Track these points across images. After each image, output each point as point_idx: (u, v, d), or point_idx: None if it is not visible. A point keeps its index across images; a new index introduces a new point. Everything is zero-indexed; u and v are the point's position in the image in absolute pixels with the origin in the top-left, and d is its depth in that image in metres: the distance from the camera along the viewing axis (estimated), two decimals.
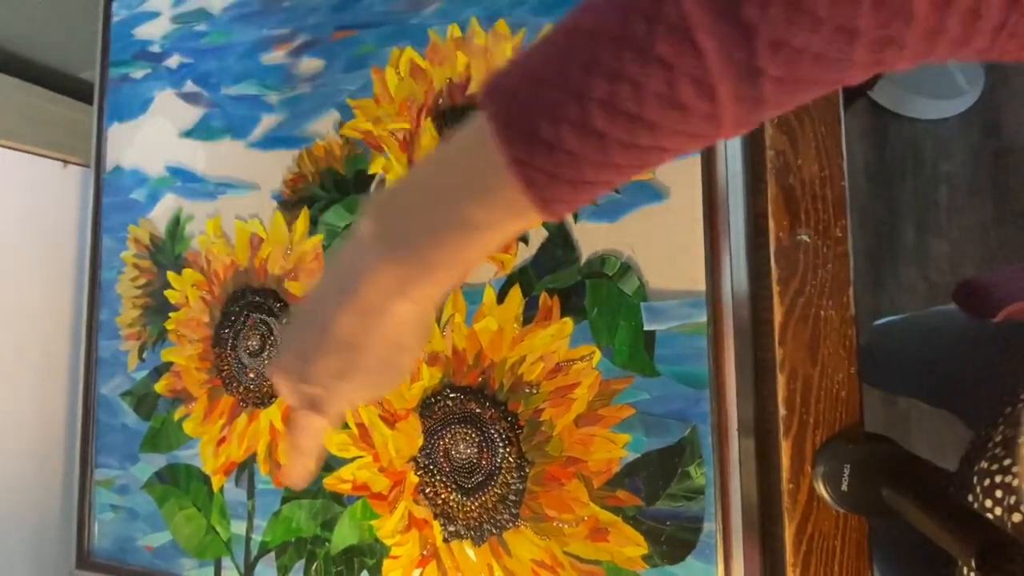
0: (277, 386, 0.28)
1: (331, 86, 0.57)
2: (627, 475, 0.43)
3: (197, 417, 0.59)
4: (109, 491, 0.63)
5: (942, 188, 1.28)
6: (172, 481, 0.60)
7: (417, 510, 0.49)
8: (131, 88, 0.68)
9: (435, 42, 0.54)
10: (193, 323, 0.61)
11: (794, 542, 0.40)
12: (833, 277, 0.41)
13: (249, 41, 0.62)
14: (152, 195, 0.65)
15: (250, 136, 0.60)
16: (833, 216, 0.41)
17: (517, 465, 0.46)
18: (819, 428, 0.40)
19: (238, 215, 0.60)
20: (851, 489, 0.38)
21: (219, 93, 0.63)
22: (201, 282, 0.61)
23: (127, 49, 0.69)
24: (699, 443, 0.42)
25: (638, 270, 0.45)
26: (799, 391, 0.41)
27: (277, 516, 0.55)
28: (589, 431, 0.45)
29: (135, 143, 0.67)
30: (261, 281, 0.58)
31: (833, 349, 0.40)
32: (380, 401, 0.51)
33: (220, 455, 0.58)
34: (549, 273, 0.47)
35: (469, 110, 0.51)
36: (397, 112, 0.54)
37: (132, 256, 0.65)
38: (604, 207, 0.46)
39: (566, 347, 0.46)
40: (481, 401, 0.48)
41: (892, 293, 1.26)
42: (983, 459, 0.37)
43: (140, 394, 0.63)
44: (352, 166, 0.55)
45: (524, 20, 0.50)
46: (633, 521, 0.43)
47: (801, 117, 0.42)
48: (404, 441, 0.50)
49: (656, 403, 0.43)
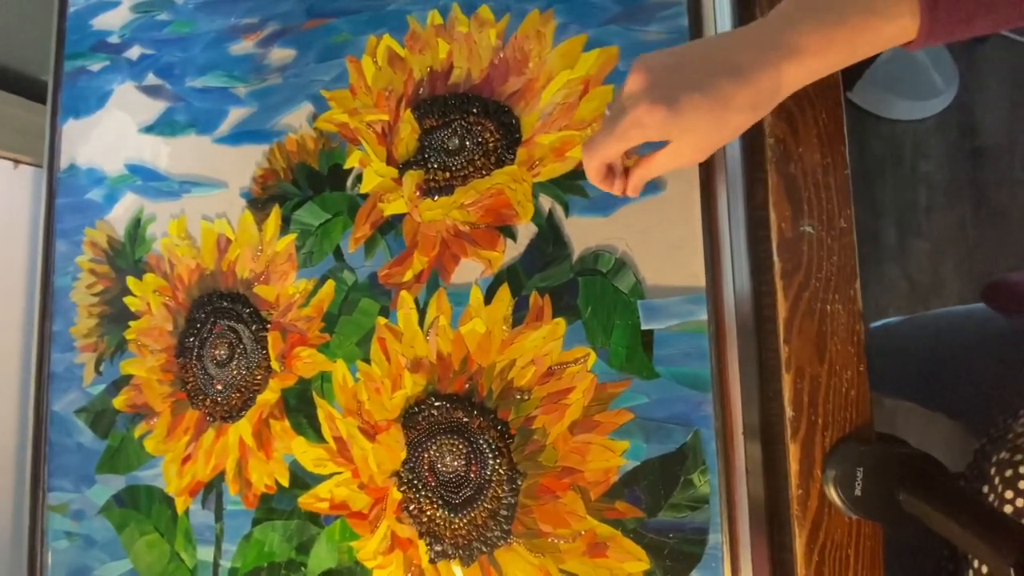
0: (630, 78, 0.31)
1: (304, 77, 0.54)
2: (626, 485, 0.41)
3: (159, 434, 0.55)
4: (63, 517, 0.58)
5: (921, 188, 1.29)
6: (132, 504, 0.55)
7: (401, 529, 0.45)
8: (88, 81, 0.63)
9: (415, 29, 0.51)
10: (155, 332, 0.57)
11: (805, 552, 0.37)
12: (839, 269, 0.39)
13: (215, 30, 0.58)
14: (110, 195, 0.60)
15: (217, 131, 0.57)
16: (837, 205, 0.39)
17: (508, 477, 0.43)
18: (828, 430, 0.38)
19: (204, 215, 0.56)
20: (865, 493, 0.36)
21: (183, 86, 0.59)
22: (164, 287, 0.57)
23: (84, 40, 0.64)
24: (702, 449, 0.39)
25: (634, 266, 0.42)
26: (806, 391, 0.38)
27: (248, 539, 0.50)
28: (585, 439, 0.42)
29: (92, 140, 0.62)
30: (229, 285, 0.54)
31: (841, 346, 0.38)
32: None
33: (185, 474, 0.53)
34: (540, 271, 0.45)
35: (451, 99, 0.49)
36: (374, 103, 0.51)
37: (88, 261, 0.61)
38: (597, 200, 0.44)
39: (559, 349, 0.43)
40: (468, 409, 0.44)
41: (875, 293, 1.27)
42: (1003, 450, 0.35)
43: (97, 410, 0.58)
44: (327, 161, 0.52)
45: (508, 5, 0.48)
46: (634, 534, 0.40)
47: (800, 102, 0.40)
48: (386, 455, 0.47)
49: (656, 407, 0.41)
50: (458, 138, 0.48)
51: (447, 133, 0.48)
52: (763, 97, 0.30)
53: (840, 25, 0.28)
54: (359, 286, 0.49)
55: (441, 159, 0.48)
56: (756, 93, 0.30)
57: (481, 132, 0.47)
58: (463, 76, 0.49)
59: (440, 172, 0.48)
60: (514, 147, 0.46)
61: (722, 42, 0.31)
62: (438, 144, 0.48)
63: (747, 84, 0.29)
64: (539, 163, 0.45)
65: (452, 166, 0.48)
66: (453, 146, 0.48)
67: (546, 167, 0.45)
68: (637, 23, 0.44)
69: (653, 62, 0.31)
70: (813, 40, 0.28)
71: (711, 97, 0.30)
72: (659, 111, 0.30)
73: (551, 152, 0.45)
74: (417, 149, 0.49)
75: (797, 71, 0.29)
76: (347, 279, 0.50)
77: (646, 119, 0.31)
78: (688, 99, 0.30)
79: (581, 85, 0.45)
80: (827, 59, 0.29)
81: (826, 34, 0.28)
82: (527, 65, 0.47)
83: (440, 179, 0.48)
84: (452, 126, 0.48)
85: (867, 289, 1.35)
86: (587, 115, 0.45)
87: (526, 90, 0.46)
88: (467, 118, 0.48)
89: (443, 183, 0.48)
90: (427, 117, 0.49)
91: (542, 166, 0.45)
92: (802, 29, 0.29)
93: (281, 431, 0.50)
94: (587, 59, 0.45)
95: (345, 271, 0.50)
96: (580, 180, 0.44)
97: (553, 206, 0.45)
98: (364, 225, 0.50)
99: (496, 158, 0.47)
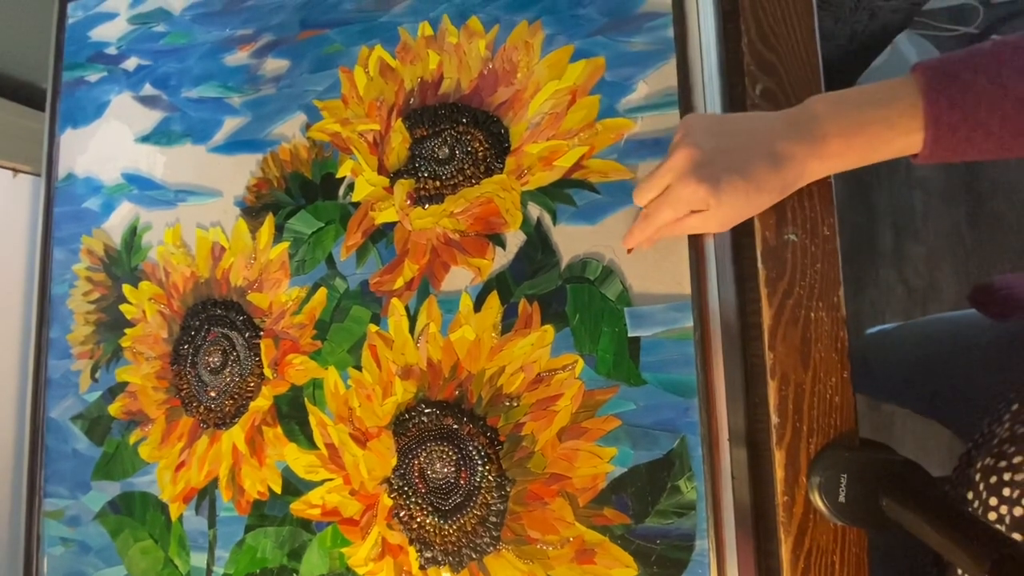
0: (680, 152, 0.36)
1: (297, 87, 0.55)
2: (614, 491, 0.41)
3: (154, 440, 0.55)
4: (59, 523, 0.58)
5: (916, 192, 1.30)
6: (127, 511, 0.55)
7: (391, 535, 0.46)
8: (86, 92, 0.64)
9: (405, 40, 0.51)
10: (150, 339, 0.57)
11: (791, 558, 0.38)
12: (823, 277, 0.39)
13: (211, 41, 0.59)
14: (107, 204, 0.61)
15: (212, 140, 0.57)
16: (821, 214, 0.39)
17: (497, 484, 0.43)
18: (813, 436, 0.38)
19: (199, 223, 0.57)
20: (849, 500, 0.36)
21: (179, 96, 0.59)
22: (159, 295, 0.57)
23: (82, 52, 0.65)
24: (689, 455, 0.40)
25: (621, 274, 0.43)
26: (791, 397, 0.39)
27: (241, 546, 0.51)
28: (573, 445, 0.42)
29: (89, 149, 0.63)
30: (223, 293, 0.55)
31: (825, 352, 0.39)
32: (356, 424, 0.48)
33: (179, 481, 0.53)
34: (528, 279, 0.45)
35: (441, 109, 0.49)
36: (366, 113, 0.52)
37: (85, 269, 0.61)
38: (584, 209, 0.44)
39: (547, 356, 0.43)
40: (458, 416, 0.45)
41: (872, 296, 1.27)
42: (987, 456, 0.36)
43: (92, 417, 0.58)
44: (319, 170, 0.53)
45: (497, 17, 0.49)
46: (621, 541, 0.40)
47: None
48: (376, 461, 0.47)
49: (643, 413, 0.41)
50: (448, 147, 0.48)
51: (437, 142, 0.49)
52: (789, 183, 0.35)
53: (859, 135, 0.33)
54: (351, 293, 0.50)
55: (431, 168, 0.49)
56: (784, 180, 0.35)
57: (471, 142, 0.48)
58: (453, 86, 0.49)
59: (430, 181, 0.49)
60: (503, 156, 0.47)
61: (763, 127, 0.35)
62: (428, 153, 0.49)
63: (779, 172, 0.34)
64: (528, 172, 0.46)
65: (442, 175, 0.48)
66: (443, 155, 0.48)
67: (534, 176, 0.46)
68: (623, 34, 0.45)
69: (701, 139, 0.36)
70: (836, 143, 0.33)
71: (749, 180, 0.34)
72: (703, 190, 0.35)
73: (539, 161, 0.46)
74: (408, 158, 0.50)
75: (819, 166, 0.34)
76: (339, 287, 0.50)
77: (692, 196, 0.35)
78: (729, 181, 0.34)
79: (568, 95, 0.46)
80: (845, 160, 0.34)
81: (846, 141, 0.33)
82: (516, 76, 0.47)
83: (430, 188, 0.48)
84: (442, 136, 0.49)
85: (863, 293, 1.35)
86: (574, 125, 0.45)
87: (515, 100, 0.47)
88: (457, 128, 0.48)
89: (433, 192, 0.48)
90: (418, 127, 0.50)
91: (531, 175, 0.46)
92: (828, 131, 0.33)
93: (274, 438, 0.51)
94: (574, 70, 0.46)
95: (337, 279, 0.50)
96: (568, 188, 0.45)
97: (541, 214, 0.45)
98: (356, 233, 0.50)
99: (485, 167, 0.47)
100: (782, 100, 0.41)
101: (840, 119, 0.33)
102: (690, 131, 0.36)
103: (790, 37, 0.41)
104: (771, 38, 0.42)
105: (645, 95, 0.44)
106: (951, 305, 1.23)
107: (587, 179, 0.44)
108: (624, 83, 0.44)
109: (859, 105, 0.33)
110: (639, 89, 0.44)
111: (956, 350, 0.53)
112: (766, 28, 0.42)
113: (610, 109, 0.44)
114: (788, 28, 0.42)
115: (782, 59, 0.41)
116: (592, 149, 0.44)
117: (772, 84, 0.41)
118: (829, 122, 0.33)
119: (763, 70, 0.41)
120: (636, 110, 0.44)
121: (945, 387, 0.54)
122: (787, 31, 0.41)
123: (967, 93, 0.30)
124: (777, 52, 0.41)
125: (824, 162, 0.34)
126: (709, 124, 0.36)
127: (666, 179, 0.37)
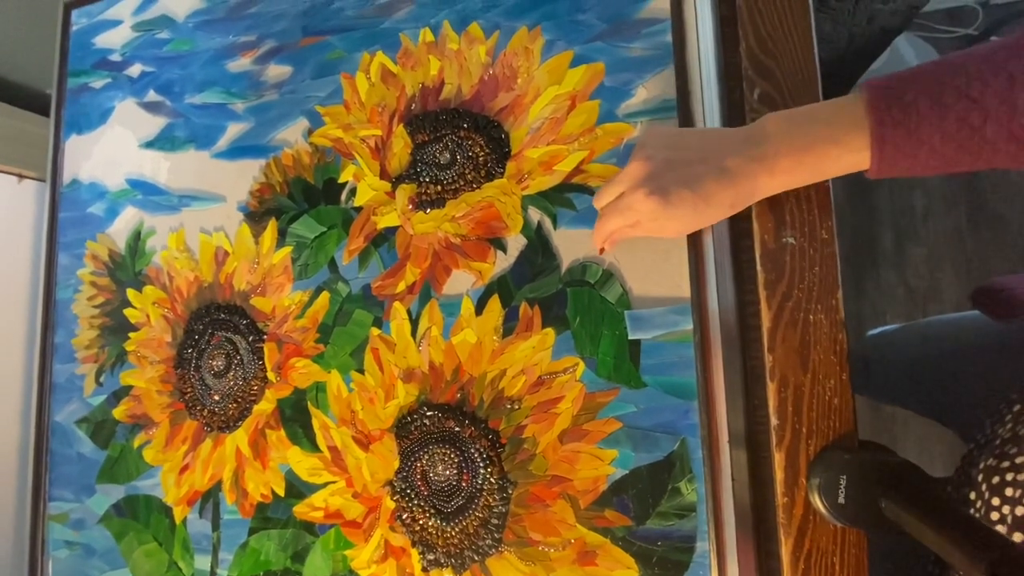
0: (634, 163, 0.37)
1: (299, 93, 0.55)
2: (615, 493, 0.41)
3: (158, 444, 0.56)
4: (63, 526, 0.59)
5: (918, 194, 1.30)
6: (131, 514, 0.56)
7: (394, 538, 0.46)
8: (90, 98, 0.65)
9: (407, 46, 0.52)
10: (154, 343, 0.58)
11: (791, 560, 0.38)
12: (821, 280, 0.39)
13: (214, 48, 0.59)
14: (111, 209, 0.62)
15: (215, 146, 0.58)
16: (819, 217, 0.40)
17: (499, 486, 0.44)
18: (812, 438, 0.38)
19: (202, 228, 0.57)
20: (848, 501, 0.36)
21: (182, 102, 0.60)
22: (163, 299, 0.58)
23: (87, 58, 0.66)
24: (689, 457, 0.40)
25: (621, 277, 0.43)
26: (790, 399, 0.39)
27: (244, 548, 0.51)
28: (574, 447, 0.42)
29: (94, 155, 0.64)
30: (226, 297, 0.55)
31: (824, 355, 0.39)
32: (358, 427, 0.48)
33: (183, 484, 0.54)
34: (529, 282, 0.45)
35: (442, 115, 0.50)
36: (368, 118, 0.52)
37: (89, 273, 0.62)
38: (584, 213, 0.45)
39: (548, 359, 0.44)
40: (460, 419, 0.45)
41: (873, 298, 1.27)
42: (990, 456, 0.36)
43: (97, 421, 0.59)
44: (322, 175, 0.53)
45: (497, 23, 0.49)
46: (622, 542, 0.40)
47: None
48: (379, 464, 0.47)
49: (643, 416, 0.41)
50: (449, 152, 0.49)
51: (439, 147, 0.49)
52: (740, 199, 0.36)
53: (808, 152, 0.33)
54: (353, 297, 0.50)
55: (433, 173, 0.49)
56: (735, 195, 0.35)
57: (471, 146, 0.48)
58: (454, 92, 0.50)
59: (432, 186, 0.49)
60: (503, 161, 0.47)
61: (716, 142, 0.36)
62: (430, 158, 0.49)
63: (729, 187, 0.35)
64: (528, 176, 0.46)
65: (443, 180, 0.49)
66: (444, 160, 0.49)
67: (535, 180, 0.46)
68: (622, 40, 0.45)
69: (656, 151, 0.37)
70: (786, 161, 0.34)
71: (698, 194, 0.35)
72: (652, 201, 0.36)
73: (539, 166, 0.46)
74: (409, 163, 0.50)
75: (770, 183, 0.35)
76: (341, 291, 0.51)
77: (641, 206, 0.37)
78: (678, 194, 0.35)
79: (568, 100, 0.46)
80: (795, 176, 0.34)
81: (796, 158, 0.34)
82: (516, 81, 0.48)
83: (432, 192, 0.49)
84: (443, 141, 0.49)
85: (864, 295, 1.35)
86: (574, 130, 0.46)
87: (515, 105, 0.48)
88: (458, 133, 0.49)
89: (435, 196, 0.49)
90: (419, 132, 0.50)
91: (531, 179, 0.46)
92: (778, 150, 0.34)
93: (277, 441, 0.51)
94: (574, 75, 0.46)
95: (339, 283, 0.51)
96: (568, 193, 0.45)
97: (542, 218, 0.46)
98: (358, 238, 0.51)
99: (486, 172, 0.47)
100: (780, 104, 0.41)
101: (790, 137, 0.33)
102: (646, 143, 0.37)
103: (787, 42, 0.42)
104: (769, 43, 0.42)
105: (644, 100, 0.44)
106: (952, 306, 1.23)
107: (587, 183, 0.45)
108: (623, 88, 0.45)
109: (809, 123, 0.33)
110: (638, 94, 0.44)
111: (957, 351, 0.53)
112: (764, 33, 0.42)
113: (610, 114, 0.45)
114: (785, 33, 0.42)
115: (780, 64, 0.42)
116: (592, 154, 0.45)
117: (770, 88, 0.41)
118: (780, 140, 0.34)
119: (761, 75, 0.42)
120: (635, 115, 0.44)
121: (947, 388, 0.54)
122: (784, 36, 0.42)
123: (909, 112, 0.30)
124: (775, 57, 0.42)
125: (775, 178, 0.34)
126: (665, 137, 0.37)
127: (620, 187, 0.38)
